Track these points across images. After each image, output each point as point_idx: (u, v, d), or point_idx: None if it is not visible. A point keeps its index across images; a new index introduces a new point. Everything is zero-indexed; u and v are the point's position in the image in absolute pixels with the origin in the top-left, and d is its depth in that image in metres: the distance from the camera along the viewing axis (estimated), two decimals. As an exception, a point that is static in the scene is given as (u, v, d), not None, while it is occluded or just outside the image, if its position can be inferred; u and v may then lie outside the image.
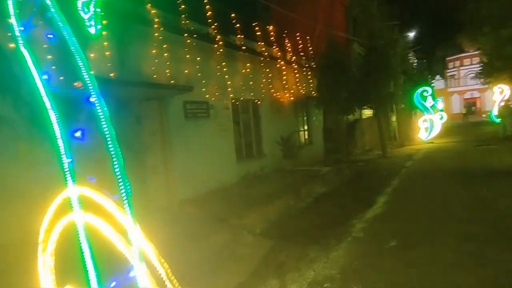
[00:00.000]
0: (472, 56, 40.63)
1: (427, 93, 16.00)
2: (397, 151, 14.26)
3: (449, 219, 4.98)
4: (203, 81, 6.69)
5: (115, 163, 1.72)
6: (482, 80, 26.71)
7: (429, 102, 16.02)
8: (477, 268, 3.40)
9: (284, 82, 9.93)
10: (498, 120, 20.26)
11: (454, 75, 44.60)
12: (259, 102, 8.88)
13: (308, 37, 11.83)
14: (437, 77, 42.84)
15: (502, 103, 21.08)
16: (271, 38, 9.47)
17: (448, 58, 44.28)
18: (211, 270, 3.93)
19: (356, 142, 14.38)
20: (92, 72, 1.95)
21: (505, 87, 20.69)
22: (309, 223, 5.47)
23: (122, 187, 1.70)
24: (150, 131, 6.02)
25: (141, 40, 5.51)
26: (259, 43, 8.75)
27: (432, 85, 19.52)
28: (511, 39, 10.47)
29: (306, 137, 11.91)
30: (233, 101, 7.82)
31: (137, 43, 5.48)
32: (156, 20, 5.46)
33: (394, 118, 17.59)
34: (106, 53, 4.79)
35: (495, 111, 21.99)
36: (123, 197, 1.66)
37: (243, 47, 7.89)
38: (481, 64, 28.14)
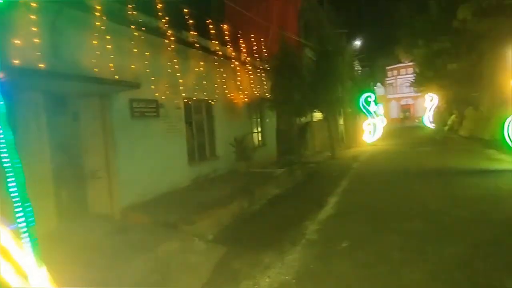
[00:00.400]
0: (407, 66, 44.91)
1: (370, 98, 17.10)
2: (344, 152, 14.97)
3: (394, 217, 5.23)
4: (152, 78, 6.21)
5: (11, 179, 1.27)
6: (415, 88, 29.67)
7: (372, 107, 17.14)
8: (421, 263, 3.56)
9: (239, 83, 9.76)
10: (433, 126, 22.52)
11: (392, 83, 48.80)
12: (213, 103, 8.59)
13: (262, 39, 11.83)
14: (378, 84, 46.48)
15: (433, 110, 23.59)
16: (226, 38, 9.24)
17: (387, 67, 48.22)
18: (159, 283, 3.58)
19: (307, 144, 14.78)
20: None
21: (434, 96, 23.18)
22: (263, 226, 5.35)
23: (21, 213, 1.27)
24: (90, 132, 5.39)
25: (79, 28, 4.89)
26: (213, 41, 8.45)
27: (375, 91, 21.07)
28: (440, 52, 11.63)
29: (260, 138, 11.88)
30: (185, 100, 7.42)
31: (75, 32, 4.85)
32: (98, 7, 4.89)
33: (341, 122, 18.52)
34: (35, 40, 4.14)
35: (426, 117, 24.53)
36: (22, 227, 1.24)
37: (197, 45, 7.54)
38: (414, 74, 31.27)
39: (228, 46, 9.24)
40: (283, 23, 13.88)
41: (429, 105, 23.27)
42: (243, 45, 10.18)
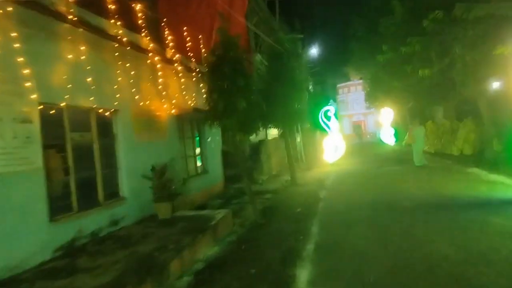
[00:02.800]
0: (357, 84, 45.70)
1: (330, 112, 15.15)
2: (306, 175, 12.52)
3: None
4: None
5: None
6: (369, 104, 29.25)
7: (333, 122, 15.16)
8: None
9: (161, 87, 6.78)
10: (392, 142, 20.89)
11: (344, 100, 49.28)
12: (111, 114, 5.46)
13: (200, 36, 9.10)
14: (331, 101, 46.56)
15: (390, 125, 22.62)
16: (140, 22, 6.30)
17: (338, 85, 48.71)
18: None
19: (262, 167, 12.09)
20: None
21: (390, 110, 22.28)
22: None
23: None
24: None
25: None
26: (113, 21, 5.45)
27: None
28: (410, 57, 9.94)
29: (200, 164, 8.88)
30: (43, 107, 4.20)
31: None
32: None
33: (299, 139, 16.29)
34: None
35: (383, 133, 23.56)
36: None
37: (71, 17, 4.47)
38: (367, 90, 31.22)
39: (144, 34, 6.30)
40: (229, 24, 11.38)
41: (385, 120, 22.28)
42: (172, 38, 7.31)
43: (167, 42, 7.21)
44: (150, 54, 6.36)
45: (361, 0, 21.29)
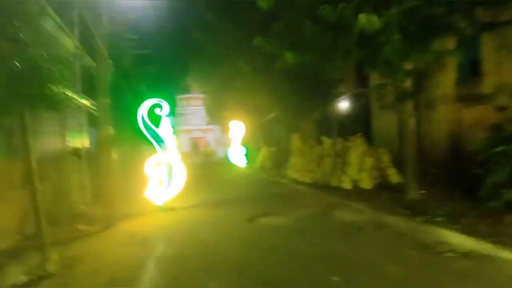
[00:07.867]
0: (198, 98, 40.61)
1: (162, 111, 7.80)
2: (91, 256, 4.48)
3: None
4: None
5: None
6: (210, 119, 24.06)
7: (165, 128, 7.84)
8: None
9: None
10: (243, 163, 15.33)
11: (183, 113, 43.10)
12: None
13: None
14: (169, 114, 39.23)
15: (237, 143, 17.63)
16: None
17: (178, 97, 42.17)
18: None
19: None
20: None
21: (240, 123, 17.38)
22: None
23: None
24: None
25: None
26: None
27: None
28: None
29: None
30: None
31: None
32: None
33: (115, 155, 7.95)
34: None
35: (231, 152, 18.32)
36: None
37: None
38: (208, 105, 26.68)
39: None
40: None
41: (235, 136, 17.11)
42: None
43: None
44: None
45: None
